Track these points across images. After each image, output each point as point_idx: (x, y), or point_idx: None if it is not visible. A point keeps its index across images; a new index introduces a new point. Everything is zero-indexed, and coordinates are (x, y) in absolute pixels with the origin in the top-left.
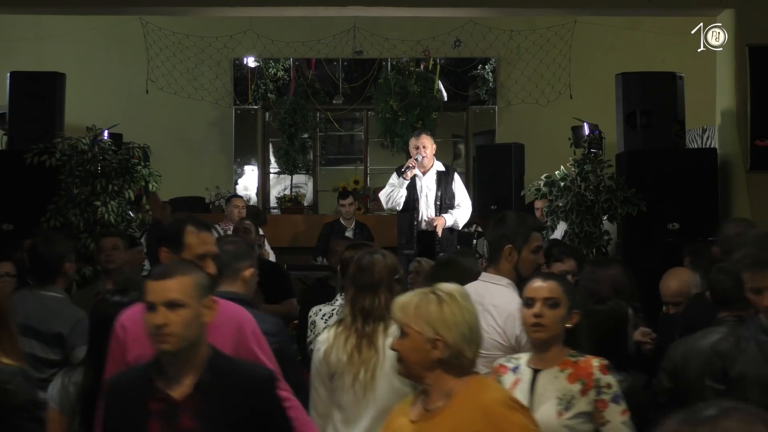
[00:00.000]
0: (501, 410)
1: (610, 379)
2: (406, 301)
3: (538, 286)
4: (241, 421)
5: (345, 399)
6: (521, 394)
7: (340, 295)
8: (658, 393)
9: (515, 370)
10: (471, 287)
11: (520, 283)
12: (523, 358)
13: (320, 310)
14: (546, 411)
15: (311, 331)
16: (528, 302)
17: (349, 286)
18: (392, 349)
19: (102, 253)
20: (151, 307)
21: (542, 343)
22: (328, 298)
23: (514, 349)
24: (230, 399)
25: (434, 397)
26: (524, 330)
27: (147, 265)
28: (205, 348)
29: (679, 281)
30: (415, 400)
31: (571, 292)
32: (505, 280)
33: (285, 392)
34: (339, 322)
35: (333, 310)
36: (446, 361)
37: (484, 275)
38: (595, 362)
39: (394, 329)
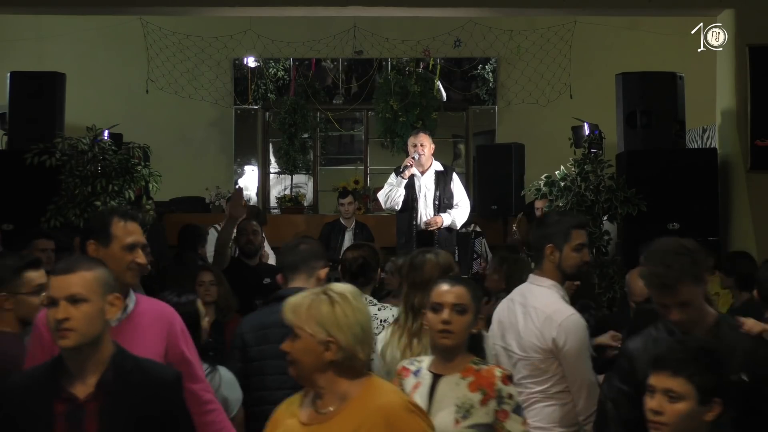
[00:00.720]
0: (401, 414)
1: (511, 389)
2: (297, 302)
3: (446, 290)
4: (144, 421)
5: None
6: (420, 399)
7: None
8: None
9: (416, 373)
10: (518, 289)
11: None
12: (425, 361)
13: None
14: (443, 418)
15: None
16: (435, 307)
17: (403, 284)
18: (282, 350)
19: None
20: (53, 303)
21: (448, 349)
22: None
23: (552, 351)
24: (133, 398)
25: (327, 400)
26: (432, 336)
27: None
28: (108, 346)
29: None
30: (303, 401)
31: (477, 297)
32: (548, 282)
33: (208, 394)
34: (395, 320)
35: None
36: (339, 363)
37: (531, 276)
38: (498, 372)
39: None
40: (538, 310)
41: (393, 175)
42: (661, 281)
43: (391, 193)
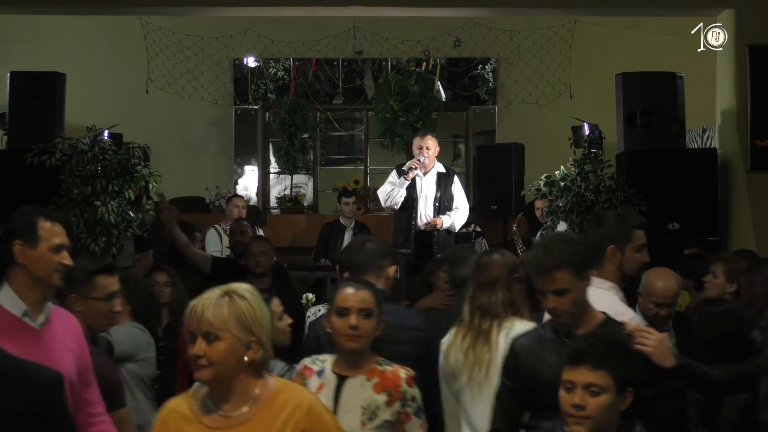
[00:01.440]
0: (321, 410)
1: (415, 391)
2: (212, 303)
3: (351, 294)
4: (21, 422)
5: (462, 398)
6: (326, 400)
7: None
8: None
9: (320, 374)
10: None
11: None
12: (329, 361)
13: (319, 310)
14: (350, 420)
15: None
16: (342, 312)
17: (470, 285)
18: (195, 356)
19: None
20: None
21: (355, 352)
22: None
23: None
24: (10, 399)
25: (236, 402)
26: (338, 340)
27: None
28: None
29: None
30: (193, 405)
31: (380, 300)
32: (607, 284)
33: (100, 407)
34: (460, 320)
35: None
36: (255, 363)
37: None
38: (403, 373)
39: (508, 324)
40: None
41: (394, 173)
42: (538, 263)
43: (392, 193)
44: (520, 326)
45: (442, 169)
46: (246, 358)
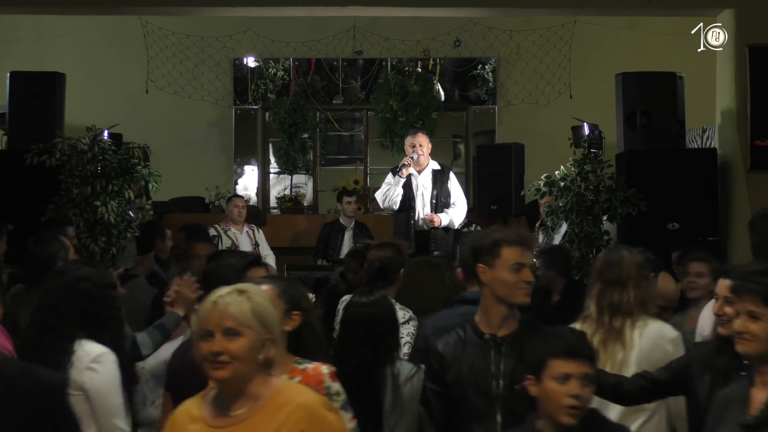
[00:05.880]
0: (322, 411)
1: (338, 386)
2: (233, 299)
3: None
4: (28, 425)
5: None
6: None
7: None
8: None
9: None
10: None
11: None
12: None
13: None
14: None
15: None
16: None
17: (596, 281)
18: (214, 353)
19: None
20: None
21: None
22: (335, 298)
23: None
24: (17, 402)
25: (241, 401)
26: None
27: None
28: None
29: (671, 284)
30: (202, 404)
31: (286, 293)
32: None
33: None
34: (584, 317)
35: None
36: (266, 362)
37: None
38: (325, 369)
39: (641, 323)
40: None
41: (390, 175)
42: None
43: (389, 193)
44: (654, 325)
45: (437, 167)
46: (261, 356)
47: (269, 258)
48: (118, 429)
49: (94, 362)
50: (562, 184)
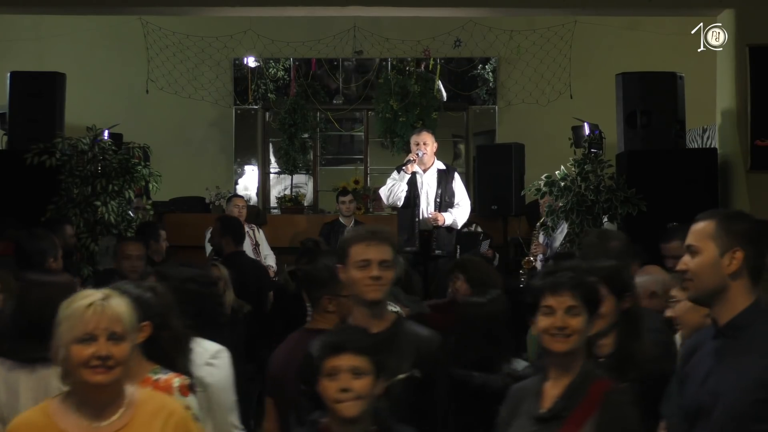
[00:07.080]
0: (191, 419)
1: (189, 400)
2: (112, 302)
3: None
4: None
5: None
6: None
7: None
8: None
9: None
10: None
11: None
12: None
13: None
14: None
15: None
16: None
17: None
18: (100, 356)
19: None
20: None
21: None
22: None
23: None
24: None
25: (111, 408)
26: None
27: None
28: None
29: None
30: (53, 412)
31: (137, 301)
32: None
33: None
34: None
35: None
36: (128, 369)
37: None
38: (176, 382)
39: None
40: None
41: (395, 173)
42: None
43: (394, 188)
44: None
45: (442, 166)
46: (132, 362)
47: (269, 258)
48: (234, 426)
49: (213, 358)
50: (562, 184)
